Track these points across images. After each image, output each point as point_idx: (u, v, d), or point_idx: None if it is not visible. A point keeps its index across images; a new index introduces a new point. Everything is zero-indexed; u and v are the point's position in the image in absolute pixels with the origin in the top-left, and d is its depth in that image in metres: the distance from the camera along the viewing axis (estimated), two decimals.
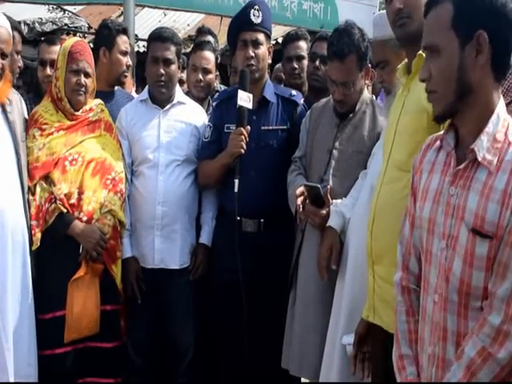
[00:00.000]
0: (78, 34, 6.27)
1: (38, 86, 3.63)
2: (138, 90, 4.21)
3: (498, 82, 1.59)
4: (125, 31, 3.55)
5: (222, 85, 4.31)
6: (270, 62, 3.20)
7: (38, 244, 2.79)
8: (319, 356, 2.69)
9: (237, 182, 2.91)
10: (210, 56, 3.64)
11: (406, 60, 2.24)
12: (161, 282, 3.11)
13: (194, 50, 3.75)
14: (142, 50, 5.86)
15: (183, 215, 3.14)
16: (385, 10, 2.30)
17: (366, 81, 2.86)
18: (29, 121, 2.96)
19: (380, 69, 2.58)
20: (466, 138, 1.60)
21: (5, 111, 2.80)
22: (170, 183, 3.10)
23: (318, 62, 3.45)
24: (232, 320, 2.99)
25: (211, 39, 4.24)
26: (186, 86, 3.89)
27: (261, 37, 3.05)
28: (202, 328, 3.18)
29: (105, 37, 3.47)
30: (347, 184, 2.73)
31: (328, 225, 2.66)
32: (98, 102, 3.11)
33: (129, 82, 3.85)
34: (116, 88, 3.52)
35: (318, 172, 2.83)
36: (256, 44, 3.04)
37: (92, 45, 3.60)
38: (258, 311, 2.98)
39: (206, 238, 3.20)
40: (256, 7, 3.03)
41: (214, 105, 3.28)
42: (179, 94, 3.26)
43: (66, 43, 3.03)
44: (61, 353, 2.85)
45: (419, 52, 2.08)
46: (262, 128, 3.07)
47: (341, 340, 2.50)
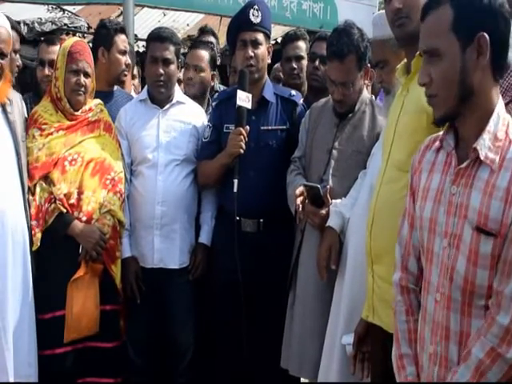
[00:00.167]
0: (78, 34, 6.25)
1: (37, 85, 3.63)
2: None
3: (497, 81, 1.60)
4: (123, 30, 3.54)
5: (222, 85, 4.31)
6: (269, 61, 3.20)
7: (38, 244, 2.79)
8: (319, 356, 2.68)
9: (236, 182, 2.91)
10: (204, 54, 3.63)
11: (405, 60, 2.24)
12: (160, 281, 3.11)
13: (189, 49, 3.77)
14: (141, 49, 5.85)
15: (182, 215, 3.14)
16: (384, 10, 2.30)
17: (366, 81, 2.86)
18: (28, 121, 2.96)
19: (379, 68, 2.58)
20: (467, 138, 1.60)
21: (5, 111, 2.80)
22: (169, 183, 3.10)
23: (317, 62, 3.45)
24: (231, 320, 2.99)
25: (213, 40, 4.24)
26: (182, 85, 3.89)
27: (260, 37, 3.05)
28: (202, 328, 3.18)
29: (103, 37, 3.47)
30: (347, 184, 2.73)
31: (327, 225, 2.66)
32: (97, 102, 3.11)
33: (128, 82, 3.85)
34: (115, 88, 3.52)
35: (318, 172, 2.83)
36: (255, 44, 3.04)
37: (91, 45, 3.60)
38: (257, 311, 2.99)
39: (205, 238, 3.20)
40: (255, 7, 3.03)
41: (213, 105, 3.29)
42: (178, 93, 3.26)
43: (66, 43, 3.03)
44: (60, 353, 2.85)
45: (418, 52, 2.09)
46: (262, 128, 3.07)
47: (340, 340, 2.50)
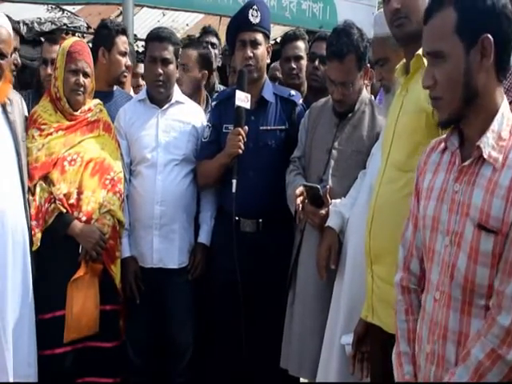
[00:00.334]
0: (77, 34, 6.26)
1: (39, 85, 3.63)
2: None
3: (501, 82, 1.60)
4: (124, 31, 3.54)
5: (222, 85, 4.30)
6: (268, 61, 3.20)
7: (38, 244, 2.79)
8: (318, 356, 2.68)
9: (234, 182, 2.91)
10: (191, 53, 3.61)
11: (404, 60, 2.24)
12: (159, 281, 3.10)
13: None
14: (141, 49, 5.85)
15: (182, 215, 3.14)
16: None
17: (365, 81, 2.86)
18: (28, 121, 2.96)
19: (379, 66, 2.58)
20: (471, 137, 1.60)
21: (5, 111, 2.80)
22: (168, 183, 3.10)
23: (317, 62, 3.45)
24: (230, 320, 2.99)
25: (215, 41, 4.22)
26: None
27: (259, 37, 3.05)
28: (201, 328, 3.18)
29: (104, 37, 3.46)
30: (346, 184, 2.73)
31: (327, 225, 2.66)
32: (96, 102, 3.10)
33: (128, 83, 3.85)
34: (115, 88, 3.52)
35: (317, 172, 2.83)
36: (254, 44, 3.04)
37: (91, 45, 3.60)
38: (256, 311, 2.99)
39: (204, 238, 3.20)
40: (254, 7, 3.03)
41: (212, 105, 3.28)
42: (177, 93, 3.26)
43: (65, 43, 3.03)
44: (60, 353, 2.85)
45: (417, 52, 2.09)
46: (261, 128, 3.07)
47: (339, 340, 2.50)
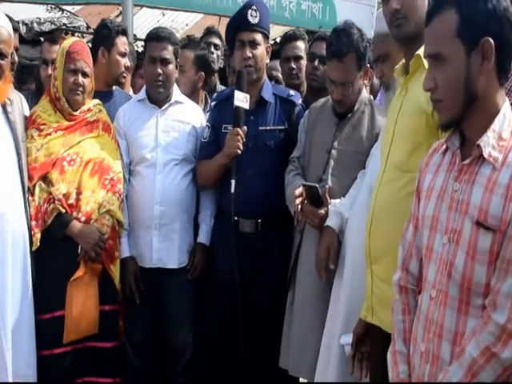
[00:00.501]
0: (77, 34, 6.26)
1: (40, 85, 3.63)
2: None
3: (502, 85, 1.59)
4: (124, 32, 3.54)
5: (222, 85, 4.30)
6: (268, 61, 3.20)
7: (38, 244, 2.79)
8: (318, 356, 2.68)
9: (233, 182, 2.91)
10: (188, 55, 3.61)
11: (403, 60, 2.24)
12: (159, 281, 3.10)
13: None
14: (140, 49, 5.85)
15: (181, 214, 3.13)
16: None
17: (365, 81, 2.86)
18: (27, 121, 2.96)
19: (381, 62, 2.58)
20: (472, 138, 1.60)
21: (5, 111, 2.79)
22: (167, 183, 3.10)
23: (316, 62, 3.45)
24: (229, 320, 2.99)
25: (218, 42, 4.22)
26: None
27: (258, 37, 3.05)
28: (200, 328, 3.18)
29: (104, 37, 3.46)
30: (346, 184, 2.73)
31: (326, 224, 2.66)
32: (96, 102, 3.10)
33: (128, 83, 3.84)
34: (114, 88, 3.52)
35: (317, 172, 2.83)
36: (253, 44, 3.03)
37: (91, 44, 3.59)
38: (255, 311, 2.99)
39: (204, 238, 3.19)
40: (253, 7, 3.02)
41: (212, 105, 3.28)
42: (177, 93, 3.25)
43: (65, 43, 3.03)
44: (59, 353, 2.84)
45: (417, 52, 2.09)
46: (260, 128, 3.06)
47: (338, 340, 2.50)
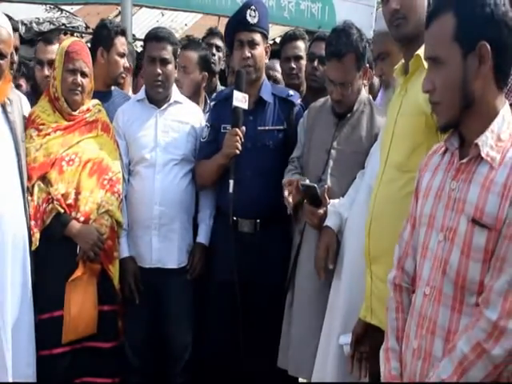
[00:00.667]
0: (76, 34, 6.26)
1: (36, 86, 3.59)
2: None
3: (501, 89, 1.60)
4: (123, 33, 3.53)
5: (223, 86, 4.29)
6: (267, 61, 3.20)
7: (37, 244, 2.79)
8: None
9: (232, 182, 2.91)
10: (192, 55, 3.62)
11: (402, 60, 2.24)
12: (158, 281, 3.10)
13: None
14: (139, 49, 5.85)
15: (181, 214, 3.13)
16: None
17: (364, 81, 2.86)
18: (26, 121, 2.95)
19: (381, 60, 2.58)
20: (471, 139, 1.60)
21: (5, 111, 2.79)
22: (167, 183, 3.09)
23: (316, 63, 3.45)
24: (228, 320, 2.98)
25: (220, 43, 4.22)
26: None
27: (257, 37, 3.05)
28: (200, 328, 3.17)
29: (103, 37, 3.45)
30: (345, 184, 2.73)
31: (325, 224, 2.66)
32: (95, 102, 3.10)
33: (127, 83, 3.84)
34: (113, 88, 3.51)
35: (316, 172, 2.83)
36: (252, 44, 3.03)
37: (89, 45, 3.58)
38: (255, 312, 2.99)
39: (203, 238, 3.19)
40: (252, 7, 3.02)
41: (211, 105, 3.28)
42: (176, 93, 3.25)
43: (64, 43, 3.03)
44: (58, 353, 2.84)
45: (416, 52, 2.09)
46: (259, 128, 3.06)
47: (337, 340, 2.49)
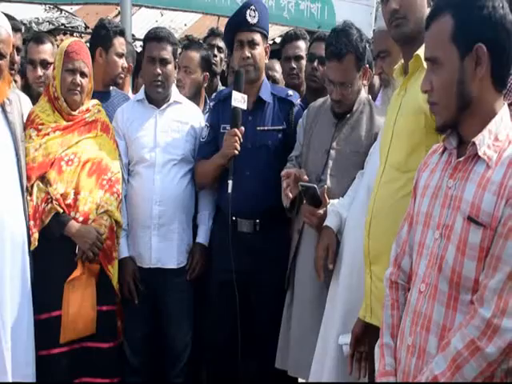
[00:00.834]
0: (75, 34, 6.27)
1: (28, 86, 3.49)
2: None
3: (499, 92, 1.60)
4: (122, 33, 3.52)
5: (223, 86, 4.30)
6: (267, 61, 3.20)
7: (36, 244, 2.79)
8: None
9: (230, 182, 2.90)
10: (194, 56, 3.62)
11: (402, 60, 2.24)
12: (158, 281, 3.10)
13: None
14: (139, 49, 5.85)
15: (180, 215, 3.13)
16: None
17: (364, 81, 2.86)
18: (25, 121, 2.95)
19: (381, 59, 2.58)
20: (468, 139, 1.61)
21: (5, 111, 2.79)
22: (166, 183, 3.09)
23: (316, 63, 3.45)
24: (228, 320, 2.98)
25: (221, 44, 4.22)
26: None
27: (257, 37, 3.05)
28: (199, 328, 3.17)
29: (102, 37, 3.45)
30: (344, 184, 2.73)
31: (324, 224, 2.66)
32: (95, 102, 3.10)
33: (127, 84, 3.83)
34: (112, 88, 3.50)
35: (316, 172, 2.83)
36: (252, 44, 3.03)
37: (88, 44, 3.58)
38: (254, 311, 2.98)
39: (202, 238, 3.19)
40: (252, 7, 3.02)
41: (210, 105, 3.28)
42: (175, 93, 3.25)
43: (64, 43, 3.03)
44: (57, 353, 2.84)
45: (416, 52, 2.09)
46: (258, 128, 3.06)
47: (335, 339, 2.49)
